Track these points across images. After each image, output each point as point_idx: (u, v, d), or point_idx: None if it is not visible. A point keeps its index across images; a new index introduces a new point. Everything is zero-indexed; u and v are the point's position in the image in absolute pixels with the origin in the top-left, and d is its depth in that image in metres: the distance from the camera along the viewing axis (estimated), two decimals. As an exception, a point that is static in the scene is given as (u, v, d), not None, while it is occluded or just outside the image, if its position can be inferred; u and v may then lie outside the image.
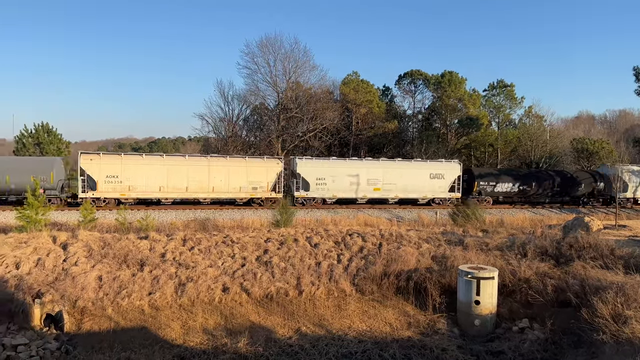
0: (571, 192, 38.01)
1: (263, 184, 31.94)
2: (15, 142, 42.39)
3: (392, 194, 33.98)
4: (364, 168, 33.91)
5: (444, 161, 37.44)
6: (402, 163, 36.14)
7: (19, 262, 14.09)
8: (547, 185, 37.45)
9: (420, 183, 34.55)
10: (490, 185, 36.31)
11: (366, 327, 13.50)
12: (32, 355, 10.82)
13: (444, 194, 35.07)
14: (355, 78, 55.43)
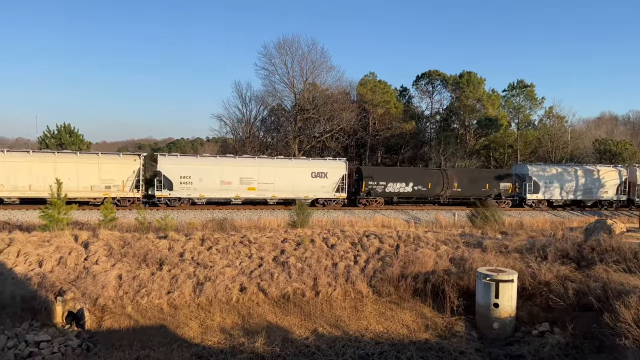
0: (476, 193, 35.32)
1: (117, 182, 30.28)
2: (39, 142, 43.34)
3: (269, 193, 32.36)
4: (236, 166, 32.25)
5: (328, 159, 35.85)
6: (279, 161, 34.33)
7: (42, 261, 14.39)
8: (446, 185, 34.97)
9: (300, 183, 32.73)
10: (381, 185, 34.22)
11: (383, 329, 13.45)
12: (54, 351, 11.03)
13: (329, 194, 33.36)
14: (372, 79, 55.32)
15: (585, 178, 37.08)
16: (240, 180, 31.77)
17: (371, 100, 52.32)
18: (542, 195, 36.27)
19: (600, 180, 37.15)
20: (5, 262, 14.01)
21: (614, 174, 37.51)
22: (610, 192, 37.29)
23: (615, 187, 37.36)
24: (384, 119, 54.57)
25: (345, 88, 54.74)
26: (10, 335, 11.44)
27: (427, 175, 35.63)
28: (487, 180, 36.07)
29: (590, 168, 38.16)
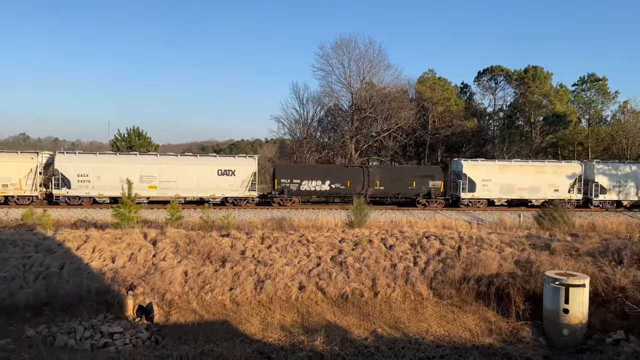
0: (402, 191, 33.45)
1: (14, 180, 29.75)
2: (111, 145, 46.05)
3: (172, 192, 30.97)
4: (136, 164, 31.01)
5: (237, 157, 34.34)
6: (183, 159, 33.26)
7: (115, 257, 15.27)
8: (367, 183, 32.85)
9: (206, 181, 31.56)
10: (295, 184, 32.69)
11: (444, 332, 13.15)
12: (126, 343, 11.67)
13: (238, 192, 31.90)
14: (431, 76, 54.16)
15: (535, 175, 34.42)
16: (141, 179, 30.39)
17: (430, 97, 51.24)
18: (480, 194, 33.78)
19: (552, 177, 34.40)
20: (82, 257, 14.99)
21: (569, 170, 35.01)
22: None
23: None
24: (444, 116, 53.28)
25: (403, 86, 53.99)
26: (87, 327, 12.23)
27: (346, 173, 34.10)
28: (414, 178, 33.93)
29: (535, 164, 35.47)
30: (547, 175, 34.20)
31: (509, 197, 34.05)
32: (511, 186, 33.68)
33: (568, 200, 33.50)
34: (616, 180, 34.41)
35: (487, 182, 33.62)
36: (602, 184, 34.28)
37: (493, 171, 33.92)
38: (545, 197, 33.84)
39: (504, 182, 33.70)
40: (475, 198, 33.55)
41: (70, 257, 14.92)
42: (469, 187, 33.46)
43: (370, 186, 32.96)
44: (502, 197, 33.99)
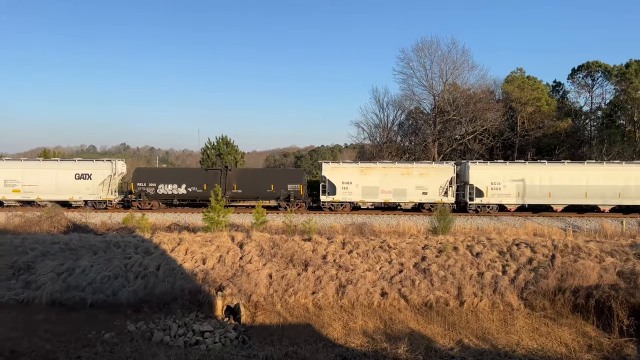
0: (260, 194, 32.56)
1: None
2: (201, 153, 48.74)
3: (34, 195, 31.79)
4: (2, 169, 32.02)
5: (95, 161, 34.43)
6: (43, 163, 33.40)
7: (205, 258, 16.09)
8: (225, 186, 31.93)
9: (63, 184, 32.01)
10: (151, 187, 32.36)
11: (537, 346, 12.37)
12: (215, 341, 12.23)
13: (95, 195, 32.11)
14: (519, 75, 51.53)
15: (400, 178, 32.08)
16: (5, 183, 32.04)
17: (519, 98, 48.66)
18: (341, 197, 32.22)
19: (419, 180, 31.95)
20: (176, 258, 15.98)
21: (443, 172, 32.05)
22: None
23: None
24: (534, 117, 50.33)
25: (489, 87, 51.83)
26: (180, 324, 12.99)
27: (202, 176, 33.41)
28: (273, 180, 33.09)
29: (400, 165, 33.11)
30: (413, 177, 32.25)
31: (373, 200, 32.57)
32: (374, 189, 32.29)
33: (442, 204, 29.44)
34: (496, 181, 31.15)
35: (347, 185, 32.48)
36: (478, 186, 31.33)
37: (354, 173, 32.66)
38: (413, 201, 32.23)
39: (366, 184, 32.39)
40: (336, 201, 32.48)
41: (165, 258, 15.97)
42: (330, 189, 32.64)
43: (228, 189, 32.74)
44: (365, 200, 32.65)
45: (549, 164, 32.27)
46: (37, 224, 23.95)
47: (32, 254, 16.17)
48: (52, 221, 24.44)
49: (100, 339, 11.78)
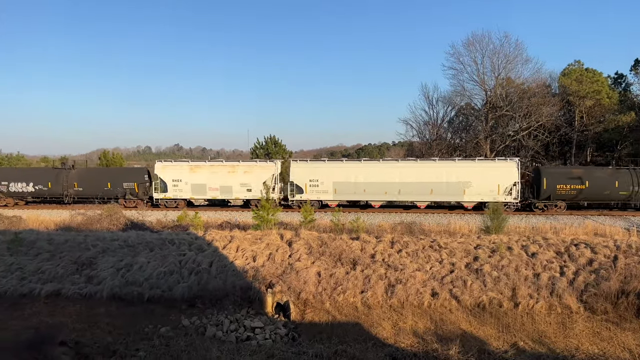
0: (99, 192, 34.88)
1: None
2: (251, 153, 49.72)
3: None
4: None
5: None
6: None
7: (255, 256, 16.39)
8: (66, 184, 34.97)
9: None
10: (3, 185, 34.97)
11: (598, 351, 11.74)
12: (266, 338, 12.42)
13: None
14: (577, 67, 49.16)
15: (227, 175, 33.88)
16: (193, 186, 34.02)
17: (577, 91, 46.42)
18: (172, 195, 34.37)
19: (244, 177, 33.81)
20: (228, 256, 16.37)
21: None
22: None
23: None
24: (594, 111, 47.87)
25: (544, 80, 49.78)
26: (232, 320, 13.28)
27: (46, 175, 35.67)
28: (110, 179, 35.32)
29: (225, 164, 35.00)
30: (238, 175, 33.88)
31: (203, 197, 34.57)
32: (203, 186, 34.05)
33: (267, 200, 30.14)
34: (314, 179, 32.56)
35: (177, 183, 34.39)
36: (298, 184, 32.78)
37: (184, 172, 34.50)
38: (238, 197, 33.99)
39: (195, 182, 34.14)
40: (168, 198, 34.43)
41: (217, 255, 16.39)
42: (162, 187, 34.47)
43: (70, 187, 35.32)
44: (195, 197, 34.67)
45: (364, 161, 34.20)
46: (98, 222, 25.22)
47: (93, 250, 17.05)
48: (111, 219, 25.66)
49: (157, 333, 12.25)
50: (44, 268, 15.90)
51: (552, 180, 30.44)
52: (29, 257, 16.73)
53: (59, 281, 15.20)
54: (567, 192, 30.35)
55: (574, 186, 30.19)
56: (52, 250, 17.23)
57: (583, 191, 30.22)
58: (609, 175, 30.50)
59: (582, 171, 31.51)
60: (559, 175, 30.80)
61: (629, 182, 30.10)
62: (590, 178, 30.38)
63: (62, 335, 11.12)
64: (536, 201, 30.90)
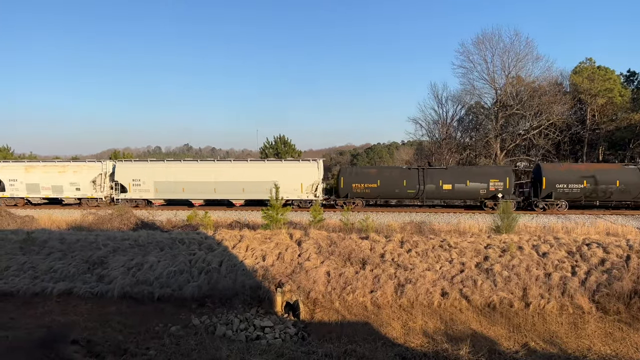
0: None
1: None
2: (260, 152, 49.83)
3: None
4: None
5: None
6: None
7: (265, 255, 16.42)
8: None
9: None
10: None
11: (610, 352, 11.62)
12: (275, 337, 12.45)
13: None
14: (589, 65, 48.63)
15: (58, 175, 35.12)
16: None
17: (589, 89, 45.93)
18: (9, 193, 35.66)
19: (73, 176, 35.15)
20: (237, 255, 16.42)
21: None
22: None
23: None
24: (606, 110, 47.34)
25: (555, 78, 49.37)
26: (242, 319, 13.33)
27: None
28: None
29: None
30: (68, 174, 35.09)
31: (36, 195, 35.64)
32: (36, 185, 35.28)
33: (91, 198, 34.05)
34: (137, 178, 33.95)
35: (14, 182, 35.64)
36: (122, 183, 34.36)
37: (19, 171, 35.66)
38: (69, 196, 35.13)
39: (30, 181, 35.37)
40: (5, 197, 35.56)
41: (227, 254, 16.45)
42: (1, 187, 35.57)
43: None
44: (30, 196, 35.74)
45: (184, 162, 35.87)
46: (109, 222, 25.44)
47: (104, 249, 17.19)
48: (122, 219, 25.89)
49: (167, 332, 12.32)
50: (56, 267, 16.06)
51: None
52: (41, 257, 16.92)
53: (71, 280, 15.35)
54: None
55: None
56: (64, 249, 17.41)
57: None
58: None
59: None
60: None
61: None
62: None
63: (74, 333, 11.23)
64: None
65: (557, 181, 29.66)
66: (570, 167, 31.93)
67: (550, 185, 29.68)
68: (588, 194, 29.76)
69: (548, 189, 29.82)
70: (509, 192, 29.97)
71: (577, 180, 29.52)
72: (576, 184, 29.50)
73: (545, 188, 29.81)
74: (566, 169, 30.89)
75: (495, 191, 30.04)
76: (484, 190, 30.29)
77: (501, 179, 30.26)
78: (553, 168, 31.49)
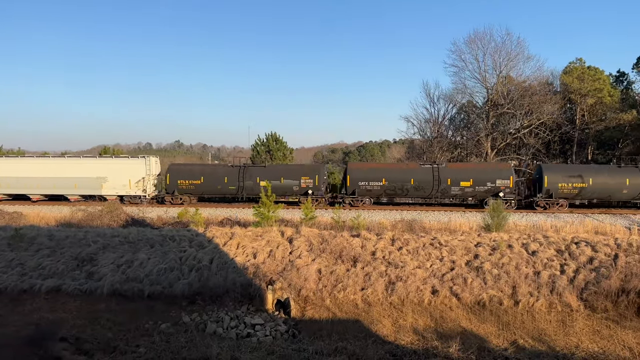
0: None
1: None
2: (252, 149, 49.69)
3: None
4: None
5: None
6: None
7: (256, 253, 16.39)
8: None
9: None
10: None
11: (598, 349, 11.76)
12: (266, 334, 12.43)
13: None
14: (579, 65, 48.98)
15: None
16: None
17: (579, 89, 46.29)
18: None
19: None
20: (228, 252, 16.37)
21: None
22: None
23: None
24: (595, 110, 47.73)
25: (546, 78, 49.64)
26: (232, 317, 13.29)
27: None
28: None
29: None
30: None
31: None
32: None
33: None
34: None
35: None
36: None
37: None
38: None
39: None
40: None
41: (218, 252, 16.40)
42: None
43: None
44: None
45: (26, 158, 36.96)
46: (98, 218, 25.24)
47: (94, 246, 17.06)
48: (112, 215, 25.70)
49: (157, 329, 12.26)
50: (45, 264, 15.91)
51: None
52: (30, 253, 16.75)
53: (60, 277, 15.22)
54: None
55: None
56: (53, 246, 17.25)
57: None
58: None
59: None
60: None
61: None
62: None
63: (62, 331, 11.14)
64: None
65: (359, 179, 31.68)
66: (370, 166, 34.94)
67: (354, 183, 31.68)
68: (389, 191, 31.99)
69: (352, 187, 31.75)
70: (318, 189, 32.50)
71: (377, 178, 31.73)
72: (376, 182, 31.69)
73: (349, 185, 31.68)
74: (368, 168, 33.46)
75: (306, 188, 32.49)
76: (297, 187, 32.59)
77: (311, 177, 32.65)
78: (356, 167, 33.81)
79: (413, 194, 31.89)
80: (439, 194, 31.39)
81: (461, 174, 31.23)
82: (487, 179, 30.82)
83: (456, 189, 31.03)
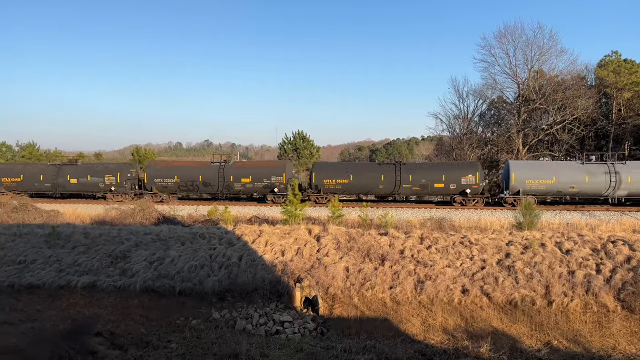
0: None
1: None
2: (279, 148, 49.99)
3: None
4: None
5: None
6: None
7: (284, 250, 16.49)
8: None
9: None
10: None
11: (636, 351, 11.40)
12: (294, 332, 12.51)
13: None
14: (615, 58, 47.38)
15: None
16: None
17: (614, 83, 44.77)
18: None
19: None
20: (257, 250, 16.53)
21: None
22: None
23: None
24: (633, 104, 46.07)
25: (580, 72, 48.16)
26: (261, 314, 13.42)
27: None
28: None
29: None
30: None
31: None
32: None
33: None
34: None
35: None
36: None
37: None
38: None
39: None
40: None
41: (247, 249, 16.57)
42: None
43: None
44: None
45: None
46: (131, 216, 25.84)
47: (127, 244, 17.48)
48: (144, 213, 26.26)
49: (188, 325, 12.49)
50: (80, 261, 16.40)
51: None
52: (66, 250, 17.29)
53: (95, 273, 15.66)
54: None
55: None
56: (88, 243, 17.76)
57: None
58: None
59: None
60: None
61: None
62: None
63: (97, 326, 11.46)
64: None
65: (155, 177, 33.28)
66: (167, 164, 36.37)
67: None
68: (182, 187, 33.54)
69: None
70: (121, 186, 34.47)
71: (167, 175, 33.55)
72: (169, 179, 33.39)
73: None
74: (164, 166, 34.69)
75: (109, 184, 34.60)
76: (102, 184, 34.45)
77: (114, 175, 34.42)
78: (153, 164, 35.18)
79: (203, 189, 33.52)
80: (225, 189, 32.49)
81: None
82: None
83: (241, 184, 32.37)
